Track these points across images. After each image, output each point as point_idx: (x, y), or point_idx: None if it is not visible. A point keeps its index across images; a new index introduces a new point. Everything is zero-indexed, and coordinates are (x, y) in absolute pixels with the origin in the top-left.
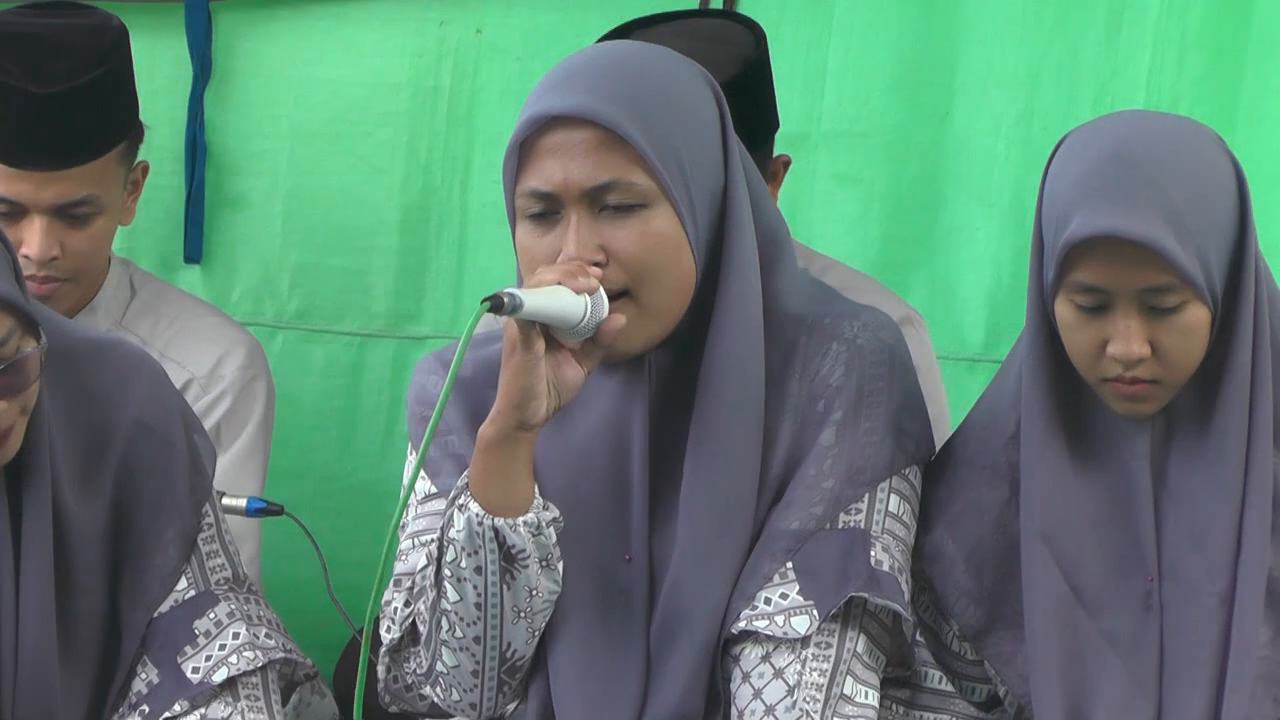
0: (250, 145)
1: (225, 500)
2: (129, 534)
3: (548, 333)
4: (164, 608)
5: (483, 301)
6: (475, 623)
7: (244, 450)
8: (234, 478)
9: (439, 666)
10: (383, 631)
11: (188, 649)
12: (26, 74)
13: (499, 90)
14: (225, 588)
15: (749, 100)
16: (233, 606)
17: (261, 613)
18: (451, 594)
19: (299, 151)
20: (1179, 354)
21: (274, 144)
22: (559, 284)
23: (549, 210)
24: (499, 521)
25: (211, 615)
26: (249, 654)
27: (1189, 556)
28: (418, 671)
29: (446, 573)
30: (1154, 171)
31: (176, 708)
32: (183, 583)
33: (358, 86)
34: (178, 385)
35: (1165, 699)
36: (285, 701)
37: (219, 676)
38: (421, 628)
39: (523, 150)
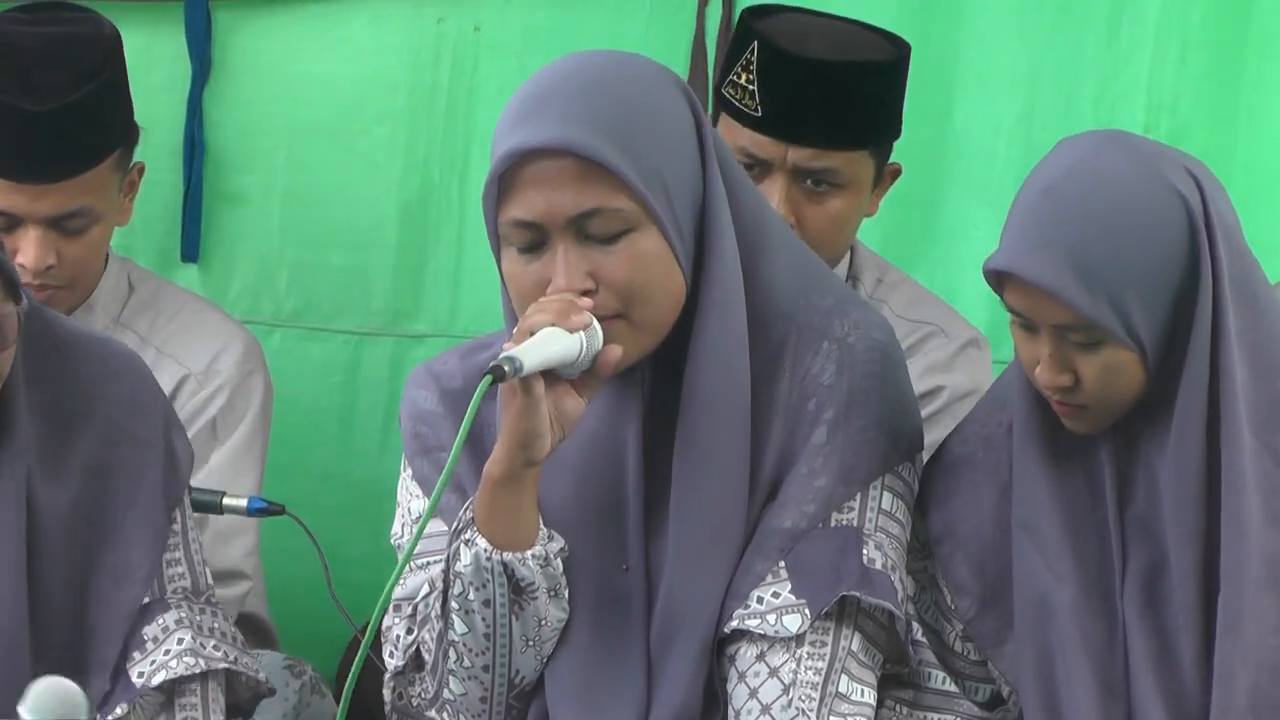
0: (248, 142)
1: (226, 500)
2: (99, 533)
3: (546, 370)
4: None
5: (484, 374)
6: (484, 652)
7: (241, 445)
8: (231, 472)
9: (446, 694)
10: (386, 657)
11: (136, 654)
12: (20, 90)
13: (497, 87)
14: (180, 597)
15: (886, 91)
16: (182, 615)
17: (216, 625)
18: (459, 626)
19: (297, 149)
20: (1100, 386)
21: (272, 141)
22: (552, 324)
23: (535, 241)
24: (508, 556)
25: (160, 621)
26: (189, 659)
27: (1158, 570)
28: (423, 696)
29: (454, 605)
30: (1075, 213)
31: (119, 710)
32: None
33: (356, 84)
34: (174, 381)
35: (1134, 701)
36: (237, 716)
37: (156, 680)
38: (426, 656)
39: (502, 181)
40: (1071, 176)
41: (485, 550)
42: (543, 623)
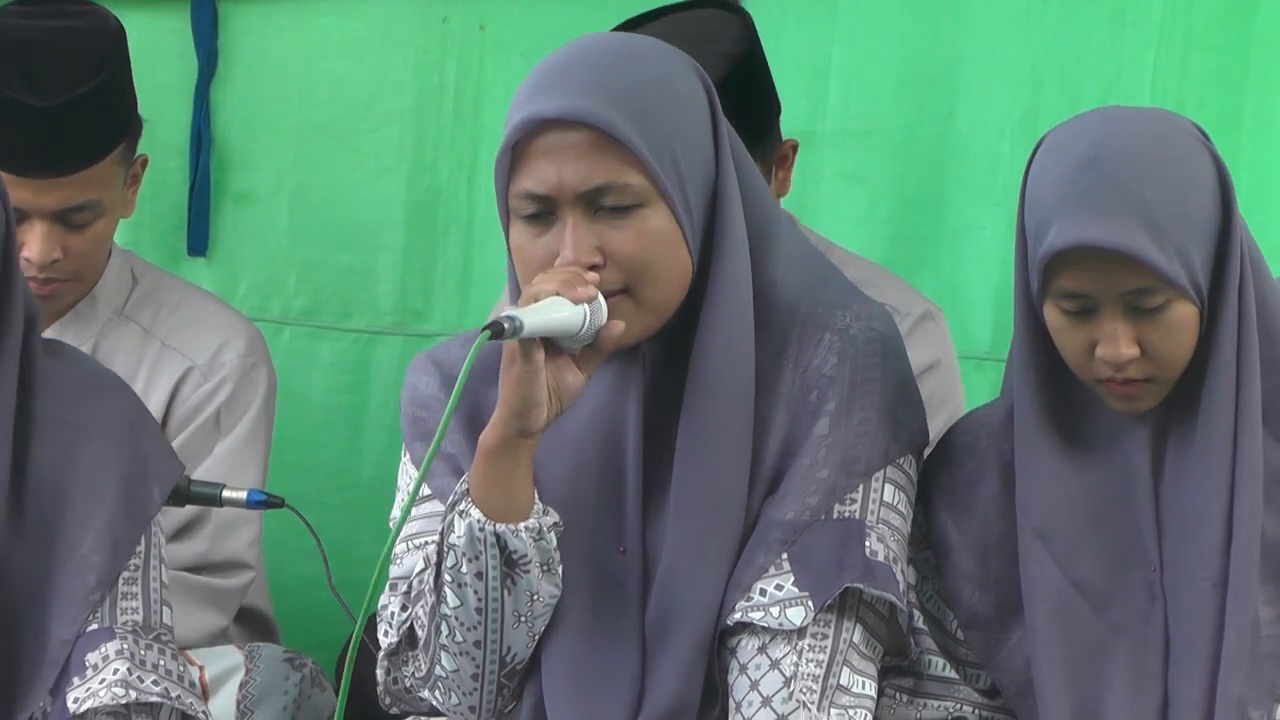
0: (256, 141)
1: (226, 493)
2: (56, 546)
3: (547, 341)
4: (68, 634)
5: (483, 330)
6: (476, 627)
7: (244, 437)
8: (234, 464)
9: (438, 670)
10: (380, 636)
11: (75, 679)
12: (26, 85)
13: (504, 87)
14: (128, 629)
15: (744, 95)
16: (124, 645)
17: (159, 661)
18: (452, 599)
19: (304, 148)
20: (1168, 351)
21: (279, 140)
22: (557, 294)
23: (543, 211)
24: (501, 527)
25: (102, 650)
26: (118, 690)
27: (1186, 543)
28: (416, 675)
29: (447, 578)
30: (1128, 175)
31: None
32: (90, 616)
33: (363, 83)
34: (178, 374)
35: (1170, 685)
36: None
37: (84, 707)
38: (419, 632)
39: (515, 151)
40: (1108, 144)
41: (479, 521)
42: (535, 597)
